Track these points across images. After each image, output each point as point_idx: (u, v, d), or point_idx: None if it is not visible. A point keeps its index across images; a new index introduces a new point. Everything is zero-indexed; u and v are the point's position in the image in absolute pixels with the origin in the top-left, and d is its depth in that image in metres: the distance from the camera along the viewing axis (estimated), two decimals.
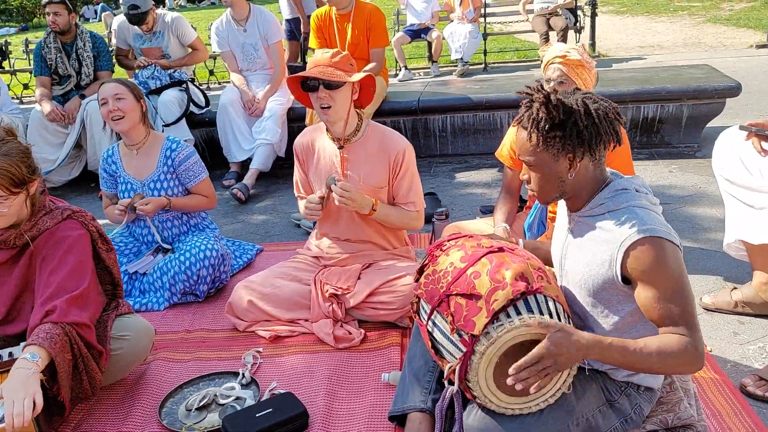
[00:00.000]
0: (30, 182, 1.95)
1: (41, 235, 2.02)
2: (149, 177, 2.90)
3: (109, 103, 2.75)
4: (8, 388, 1.67)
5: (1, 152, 1.87)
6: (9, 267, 2.04)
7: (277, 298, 2.54)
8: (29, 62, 9.65)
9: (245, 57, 4.62)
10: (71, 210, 2.09)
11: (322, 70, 2.34)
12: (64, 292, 1.93)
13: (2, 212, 1.91)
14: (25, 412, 1.64)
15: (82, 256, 2.03)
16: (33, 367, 1.74)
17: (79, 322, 1.91)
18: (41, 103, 4.52)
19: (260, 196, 4.35)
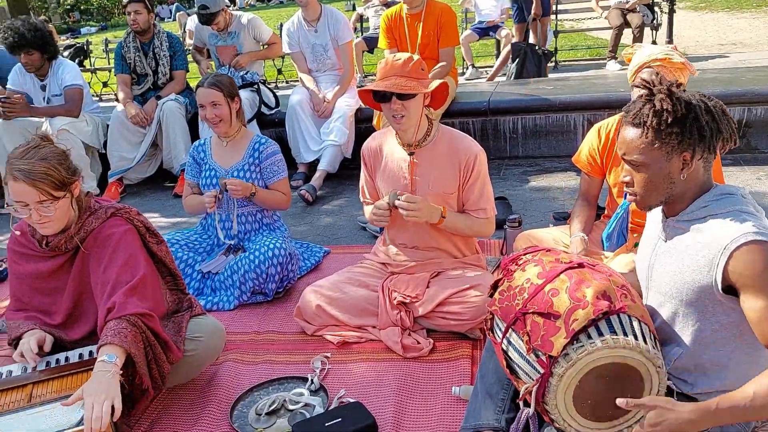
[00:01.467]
0: (71, 183, 1.97)
1: (89, 236, 2.04)
2: (234, 165, 2.97)
3: (207, 109, 2.83)
4: (88, 392, 1.70)
5: (38, 157, 1.90)
6: (65, 271, 2.08)
7: (345, 304, 2.53)
8: (108, 61, 10.07)
9: (315, 58, 4.64)
10: (115, 208, 2.10)
11: (394, 83, 2.30)
12: (122, 284, 1.93)
13: (49, 217, 1.93)
14: (103, 416, 1.66)
15: (131, 249, 2.03)
16: (112, 369, 1.76)
17: (140, 312, 1.90)
18: (125, 106, 4.68)
19: (327, 197, 4.37)
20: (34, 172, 1.85)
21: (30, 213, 1.90)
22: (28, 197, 1.87)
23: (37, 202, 1.88)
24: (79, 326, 2.09)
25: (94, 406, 1.66)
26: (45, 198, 1.88)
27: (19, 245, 2.09)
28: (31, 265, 2.07)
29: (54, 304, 2.09)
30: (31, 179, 1.85)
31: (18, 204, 1.89)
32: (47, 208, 1.90)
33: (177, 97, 4.75)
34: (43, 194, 1.87)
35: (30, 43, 4.32)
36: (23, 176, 1.85)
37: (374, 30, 8.15)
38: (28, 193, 1.86)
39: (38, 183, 1.86)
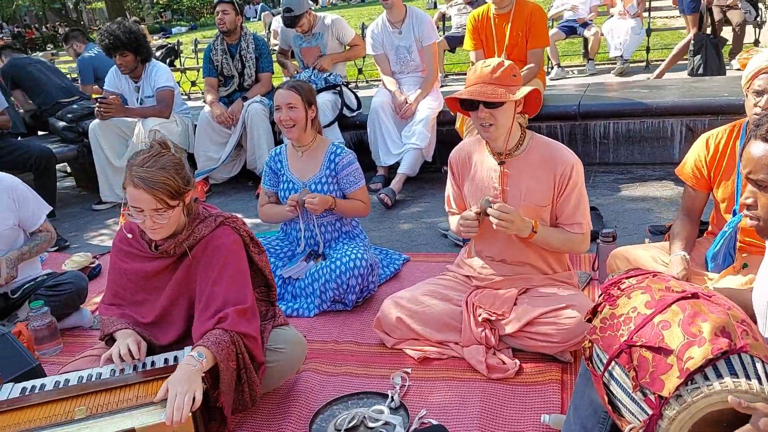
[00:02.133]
0: (186, 193, 1.99)
1: (198, 244, 2.07)
2: (311, 178, 2.94)
3: (282, 111, 2.82)
4: (172, 382, 1.74)
5: (157, 166, 1.91)
6: (167, 274, 2.11)
7: (426, 318, 2.45)
8: (197, 61, 10.43)
9: (398, 60, 4.58)
10: (223, 216, 2.13)
11: (481, 90, 2.19)
12: (231, 302, 1.97)
13: (161, 224, 1.96)
14: (184, 407, 1.68)
15: (240, 263, 2.07)
16: (197, 365, 1.80)
17: (248, 334, 1.95)
18: (211, 106, 4.78)
19: (406, 202, 4.29)
20: (153, 180, 1.88)
21: (144, 219, 1.93)
22: (145, 204, 1.90)
23: (152, 210, 1.91)
24: (169, 329, 2.12)
25: (177, 396, 1.70)
26: (161, 206, 1.91)
27: (127, 244, 2.13)
28: (136, 264, 2.11)
29: (150, 302, 2.12)
30: (150, 187, 1.88)
31: (134, 209, 1.93)
32: (161, 216, 1.93)
33: (262, 98, 4.80)
34: (160, 202, 1.90)
35: (124, 45, 4.48)
36: (143, 184, 1.88)
37: (456, 29, 8.02)
38: (145, 200, 1.89)
39: (156, 192, 1.88)
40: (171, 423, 1.67)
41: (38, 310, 2.70)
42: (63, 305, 2.84)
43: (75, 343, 2.86)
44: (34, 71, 5.28)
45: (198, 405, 1.72)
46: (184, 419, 1.68)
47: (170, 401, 1.69)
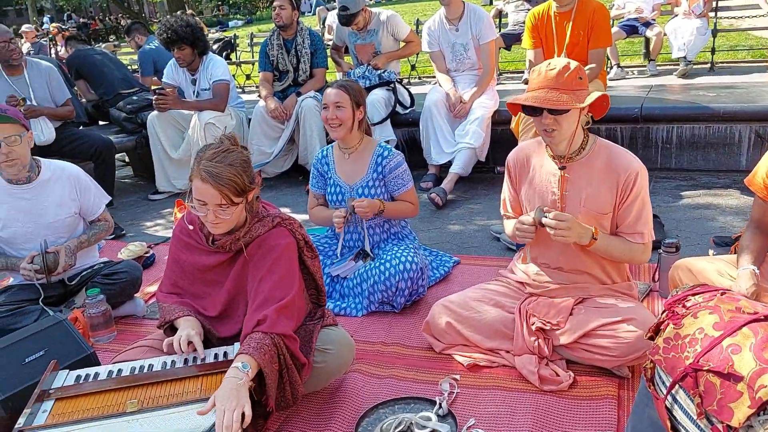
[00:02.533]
0: (250, 191, 2.00)
1: (253, 242, 2.07)
2: (358, 182, 2.91)
3: (330, 109, 2.80)
4: (220, 398, 1.71)
5: (226, 162, 1.92)
6: (225, 269, 2.12)
7: (477, 324, 2.39)
8: (252, 54, 10.56)
9: (455, 57, 4.51)
10: (281, 218, 2.12)
11: (545, 96, 2.11)
12: (273, 301, 1.96)
13: (223, 219, 1.97)
14: (233, 424, 1.66)
15: (290, 264, 2.06)
16: (243, 378, 1.78)
17: (287, 334, 1.93)
18: (266, 100, 4.82)
19: (457, 202, 4.23)
20: (221, 176, 1.89)
21: (207, 212, 1.94)
22: (210, 198, 1.91)
23: (216, 205, 1.92)
24: (229, 324, 2.13)
25: (225, 413, 1.67)
26: (225, 202, 1.92)
27: (186, 235, 2.15)
28: (194, 256, 2.13)
29: (211, 296, 2.13)
30: (217, 183, 1.88)
31: (198, 202, 1.94)
32: (224, 212, 1.94)
33: (315, 94, 4.81)
34: (224, 198, 1.91)
35: (182, 39, 4.56)
36: (210, 178, 1.89)
37: (513, 26, 7.85)
38: (211, 195, 1.90)
39: (223, 187, 1.89)
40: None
41: (94, 298, 2.77)
42: (118, 294, 2.91)
43: (128, 331, 2.92)
44: (97, 62, 5.43)
45: (247, 422, 1.70)
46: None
47: (219, 418, 1.66)
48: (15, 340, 2.25)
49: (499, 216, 3.89)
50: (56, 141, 4.27)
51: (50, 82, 4.42)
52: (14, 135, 2.66)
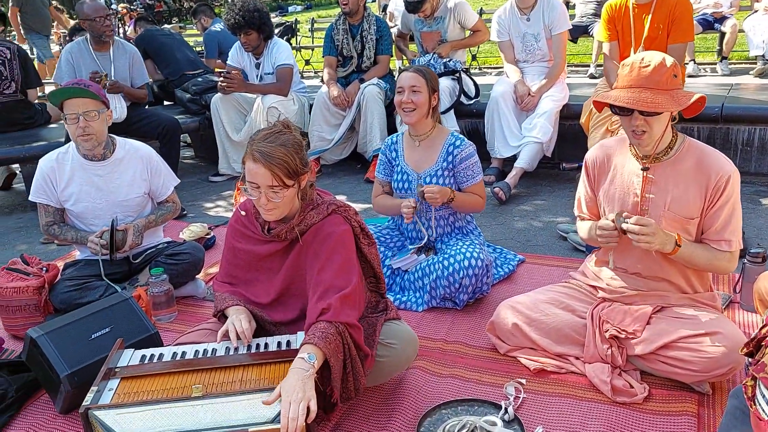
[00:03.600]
0: (302, 174, 1.95)
1: (309, 230, 2.03)
2: (427, 170, 2.84)
3: (405, 93, 2.73)
4: (286, 389, 1.68)
5: (278, 142, 1.89)
6: (280, 257, 2.09)
7: (546, 327, 2.29)
8: (312, 40, 10.58)
9: (524, 47, 4.36)
10: (336, 205, 2.07)
11: (639, 97, 1.97)
12: (335, 290, 1.91)
13: (275, 203, 1.93)
14: (299, 418, 1.63)
15: (349, 252, 2.01)
16: (310, 369, 1.74)
17: (351, 323, 1.89)
18: (329, 86, 4.78)
19: (521, 197, 4.11)
20: (272, 155, 1.86)
21: (259, 195, 1.91)
22: (261, 179, 1.88)
23: (268, 186, 1.89)
24: (283, 312, 2.10)
25: (291, 405, 1.64)
26: (276, 183, 1.88)
27: (241, 224, 2.13)
28: (249, 245, 2.11)
29: (264, 284, 2.11)
30: (268, 162, 1.86)
31: (251, 185, 1.92)
32: (276, 194, 1.91)
33: (378, 81, 4.75)
34: (276, 179, 1.88)
35: (248, 24, 4.55)
36: (262, 157, 1.86)
37: (580, 18, 7.59)
38: (262, 175, 1.88)
39: (274, 167, 1.86)
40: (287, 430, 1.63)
41: (158, 277, 2.79)
42: (180, 274, 2.92)
43: (188, 312, 2.93)
44: (165, 43, 5.50)
45: (312, 417, 1.66)
46: (299, 430, 1.63)
47: (284, 409, 1.64)
48: (82, 315, 2.28)
49: (565, 214, 3.79)
50: (125, 119, 4.34)
51: (133, 64, 4.48)
52: (93, 110, 2.69)
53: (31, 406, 2.28)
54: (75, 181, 2.83)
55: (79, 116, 2.67)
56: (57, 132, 4.73)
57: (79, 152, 2.83)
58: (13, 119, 4.78)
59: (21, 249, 3.84)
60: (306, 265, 2.02)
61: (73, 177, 2.82)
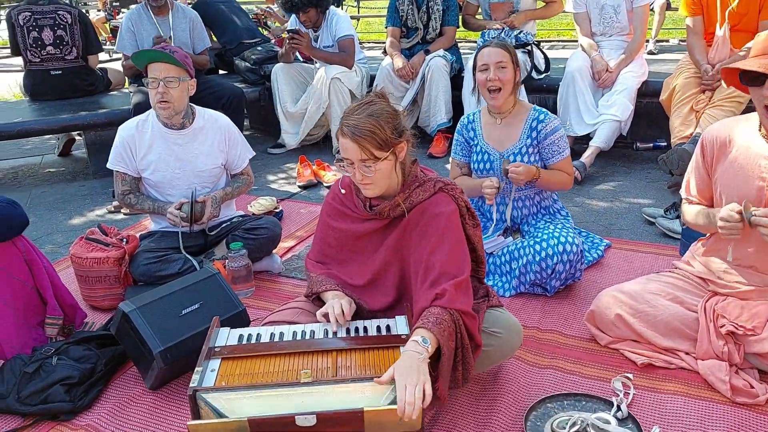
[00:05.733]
0: (396, 145, 1.84)
1: (414, 208, 1.92)
2: (510, 149, 2.70)
3: (491, 70, 2.58)
4: (400, 372, 1.61)
5: (367, 113, 1.80)
6: (379, 236, 2.00)
7: (653, 320, 2.17)
8: (358, 10, 10.37)
9: (602, 20, 4.15)
10: (443, 182, 1.96)
11: None
12: (448, 275, 1.81)
13: (370, 178, 1.83)
14: (416, 401, 1.56)
15: (459, 235, 1.90)
16: (424, 353, 1.66)
17: (466, 311, 1.79)
18: (393, 57, 4.63)
19: (597, 178, 3.94)
20: (359, 128, 1.78)
21: (354, 171, 1.83)
22: (352, 154, 1.80)
23: (359, 161, 1.80)
24: (378, 295, 2.01)
25: (407, 388, 1.57)
26: (367, 157, 1.79)
27: (338, 201, 2.04)
28: (346, 223, 2.02)
29: (360, 264, 2.02)
30: (356, 136, 1.77)
31: (345, 161, 1.84)
32: (369, 168, 1.81)
33: (445, 53, 4.59)
34: (365, 152, 1.78)
35: (305, 4, 4.41)
36: (350, 132, 1.78)
37: None
38: (352, 149, 1.79)
39: (361, 140, 1.77)
40: (402, 415, 1.56)
41: (237, 252, 2.73)
42: (257, 249, 2.85)
43: (264, 287, 2.88)
44: (222, 10, 5.39)
45: (428, 401, 1.58)
46: (416, 414, 1.56)
47: (400, 392, 1.57)
48: (172, 290, 2.22)
49: (647, 196, 3.62)
50: None
51: (193, 28, 4.41)
52: (174, 77, 2.62)
53: (117, 380, 2.25)
54: (154, 149, 2.77)
55: (159, 81, 2.60)
56: (118, 99, 4.69)
57: (159, 120, 2.76)
58: (75, 86, 4.75)
59: (87, 216, 3.83)
60: (410, 246, 1.93)
61: (152, 145, 2.76)
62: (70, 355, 2.17)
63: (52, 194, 4.23)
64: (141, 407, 2.10)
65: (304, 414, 1.60)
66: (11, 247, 2.20)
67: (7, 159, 5.18)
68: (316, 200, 3.93)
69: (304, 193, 4.09)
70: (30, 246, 2.28)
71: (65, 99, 4.67)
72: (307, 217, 3.65)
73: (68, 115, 4.34)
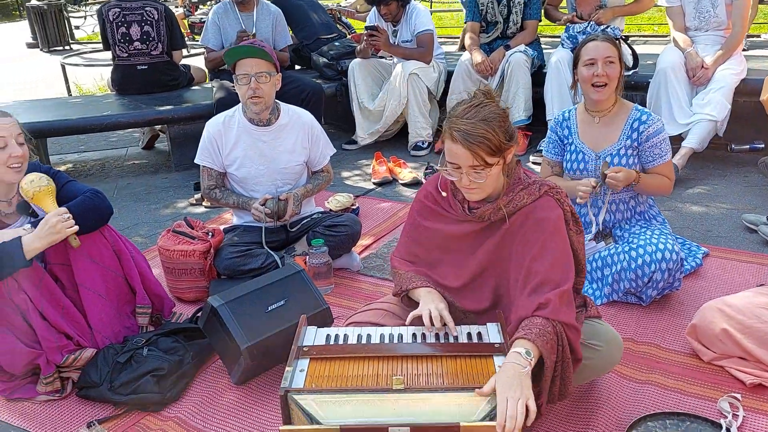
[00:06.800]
0: (507, 150, 1.75)
1: (518, 212, 1.84)
2: (606, 149, 2.57)
3: (598, 66, 2.46)
4: (502, 384, 1.53)
5: (479, 117, 1.70)
6: (476, 239, 1.92)
7: (764, 336, 2.01)
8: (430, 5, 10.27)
9: (698, 14, 3.92)
10: (548, 186, 1.86)
11: None
12: (552, 284, 1.72)
13: (478, 183, 1.75)
14: (518, 416, 1.48)
15: (564, 242, 1.81)
16: (527, 366, 1.58)
17: (569, 323, 1.70)
18: (471, 52, 4.53)
19: (690, 181, 3.73)
20: (472, 134, 1.69)
21: (461, 176, 1.76)
22: (462, 160, 1.72)
23: (469, 167, 1.72)
24: (473, 298, 1.94)
25: (509, 402, 1.49)
26: (478, 163, 1.71)
27: (433, 201, 1.98)
28: (439, 224, 1.96)
29: (454, 267, 1.95)
30: (468, 142, 1.69)
31: (451, 165, 1.76)
32: (479, 174, 1.73)
33: (526, 48, 4.44)
34: (477, 159, 1.70)
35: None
36: (461, 137, 1.70)
37: None
38: (463, 156, 1.71)
39: (474, 147, 1.69)
40: (502, 431, 1.48)
41: (318, 248, 2.71)
42: (337, 246, 2.84)
43: (342, 284, 2.86)
44: (299, 5, 5.41)
45: (532, 418, 1.50)
46: (518, 428, 1.48)
47: (501, 405, 1.49)
48: (258, 286, 2.23)
49: (746, 202, 3.39)
50: None
51: (276, 26, 4.46)
52: (265, 72, 2.63)
53: (203, 373, 2.28)
54: (240, 145, 2.79)
55: (251, 77, 2.61)
56: (201, 94, 4.79)
57: (246, 116, 2.78)
58: (159, 80, 4.88)
59: (170, 208, 3.92)
60: (511, 251, 1.84)
61: (238, 141, 2.79)
62: (160, 346, 2.21)
63: (136, 186, 4.37)
64: (226, 402, 2.11)
65: (397, 425, 1.55)
66: (100, 238, 2.25)
67: (94, 150, 5.39)
68: (391, 197, 3.89)
69: (380, 190, 4.06)
70: (117, 236, 2.33)
71: (149, 93, 4.80)
72: (383, 214, 3.62)
73: (153, 109, 4.46)
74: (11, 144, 2.12)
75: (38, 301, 2.09)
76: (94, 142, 5.57)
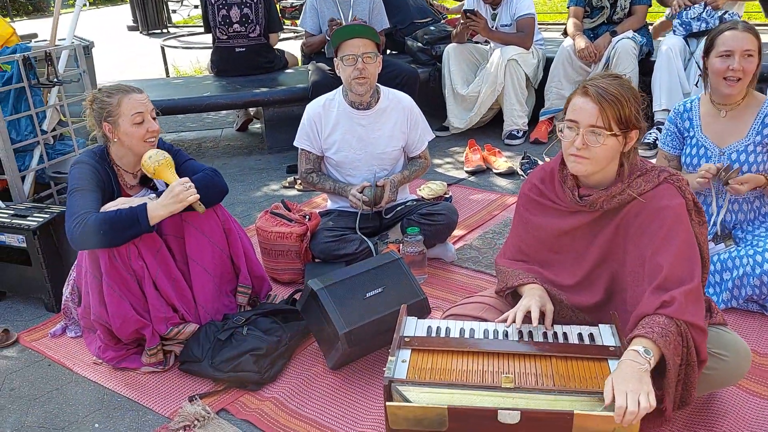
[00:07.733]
0: (631, 129, 1.68)
1: (633, 201, 1.72)
2: (732, 145, 2.38)
3: (735, 58, 2.27)
4: (620, 380, 1.46)
5: (618, 83, 1.68)
6: (588, 231, 1.81)
7: None
8: None
9: None
10: (668, 173, 1.74)
11: None
12: (676, 280, 1.60)
13: (591, 151, 1.67)
14: (639, 410, 1.40)
15: (688, 234, 1.67)
16: (645, 364, 1.49)
17: (696, 324, 1.57)
18: (574, 38, 4.33)
19: None
20: (608, 92, 1.65)
21: (574, 137, 1.69)
22: (585, 117, 1.66)
23: (590, 126, 1.66)
24: (585, 294, 1.84)
25: (628, 395, 1.41)
26: (601, 124, 1.65)
27: (538, 193, 1.89)
28: (547, 218, 1.86)
29: (568, 266, 1.86)
30: (601, 97, 1.64)
31: (569, 122, 1.70)
32: (595, 138, 1.66)
33: (634, 35, 4.20)
34: (603, 118, 1.64)
35: None
36: (595, 92, 1.65)
37: None
38: (589, 111, 1.66)
39: (604, 104, 1.64)
40: (621, 422, 1.40)
41: (414, 237, 2.66)
42: (433, 235, 2.77)
43: (435, 275, 2.80)
44: None
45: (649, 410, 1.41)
46: (636, 421, 1.40)
47: (620, 397, 1.41)
48: (357, 272, 2.20)
49: None
50: None
51: (373, 8, 4.42)
52: (372, 52, 2.60)
53: (299, 356, 2.28)
54: (339, 128, 2.77)
55: (357, 57, 2.58)
56: (294, 77, 4.82)
57: (347, 99, 2.75)
58: (256, 63, 4.95)
59: (263, 190, 3.98)
60: (627, 243, 1.73)
61: (338, 124, 2.77)
62: (259, 326, 2.23)
63: (231, 166, 4.46)
64: (322, 386, 2.11)
65: (508, 409, 1.48)
66: (213, 216, 2.29)
67: (191, 131, 5.56)
68: (485, 187, 3.78)
69: (473, 179, 3.95)
70: (227, 215, 2.37)
71: (246, 76, 4.89)
72: (476, 205, 3.52)
73: (250, 91, 4.53)
74: (148, 119, 2.20)
75: (154, 269, 2.16)
76: (191, 122, 5.74)
